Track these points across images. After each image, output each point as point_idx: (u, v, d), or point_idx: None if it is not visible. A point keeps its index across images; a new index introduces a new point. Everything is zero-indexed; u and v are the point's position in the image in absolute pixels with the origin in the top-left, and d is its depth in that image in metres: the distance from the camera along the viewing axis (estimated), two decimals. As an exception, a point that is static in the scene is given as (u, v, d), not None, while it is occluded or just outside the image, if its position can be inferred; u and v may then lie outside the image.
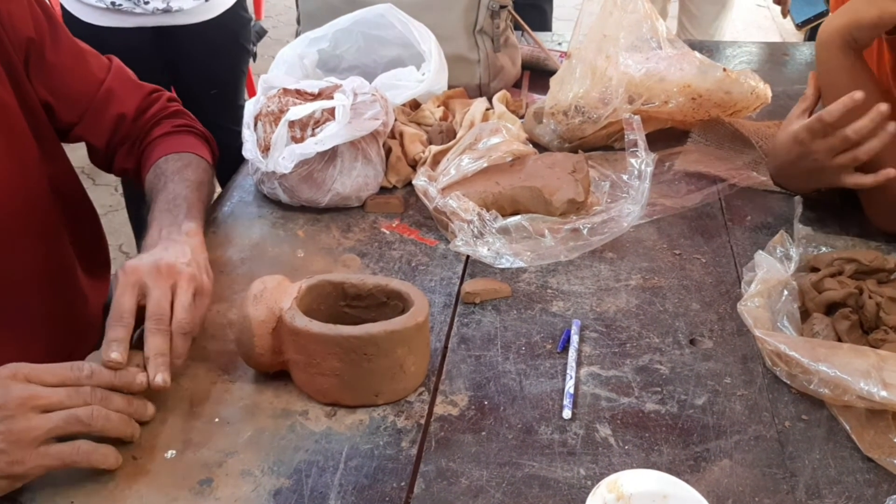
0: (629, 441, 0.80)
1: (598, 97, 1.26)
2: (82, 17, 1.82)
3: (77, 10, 1.83)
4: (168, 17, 1.83)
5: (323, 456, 0.78)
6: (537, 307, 0.99)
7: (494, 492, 0.75)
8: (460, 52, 1.42)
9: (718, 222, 1.16)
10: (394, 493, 0.75)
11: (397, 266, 1.06)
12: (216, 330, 0.94)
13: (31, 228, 1.02)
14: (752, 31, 4.52)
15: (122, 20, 1.81)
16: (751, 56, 1.78)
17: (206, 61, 1.95)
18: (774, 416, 0.83)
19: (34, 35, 1.02)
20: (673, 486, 0.66)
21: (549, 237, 1.06)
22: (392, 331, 0.81)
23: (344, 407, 0.84)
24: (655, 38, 1.29)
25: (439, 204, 1.08)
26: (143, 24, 1.83)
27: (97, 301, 1.18)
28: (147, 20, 1.83)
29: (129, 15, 1.80)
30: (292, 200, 1.16)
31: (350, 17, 1.34)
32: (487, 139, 1.17)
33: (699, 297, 1.01)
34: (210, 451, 0.78)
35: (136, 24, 1.83)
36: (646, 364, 0.90)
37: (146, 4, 1.78)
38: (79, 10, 1.82)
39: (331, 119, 1.12)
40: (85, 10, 1.81)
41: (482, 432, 0.81)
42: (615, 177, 1.19)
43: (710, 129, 1.34)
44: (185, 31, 1.87)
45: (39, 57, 1.03)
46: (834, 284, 0.94)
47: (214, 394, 0.85)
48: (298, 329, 0.81)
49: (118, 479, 0.75)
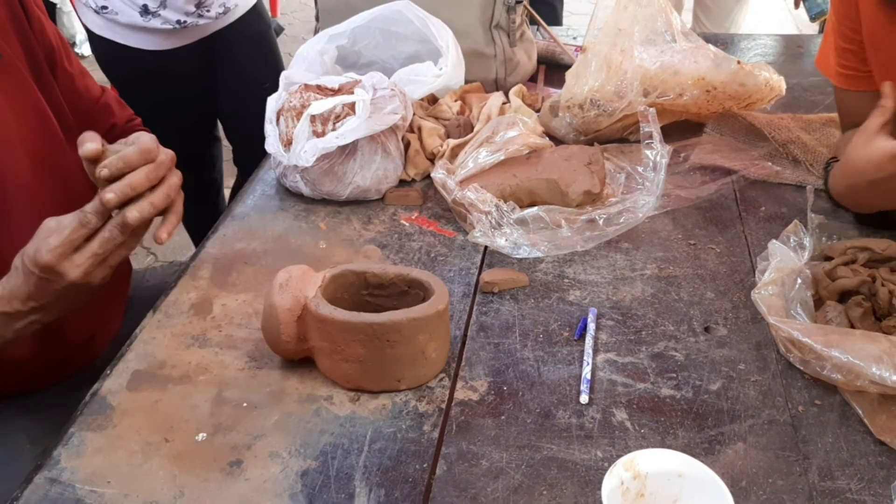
0: (645, 425, 0.82)
1: (614, 90, 1.28)
2: (144, 46, 1.71)
3: (137, 41, 1.71)
4: (224, 19, 1.77)
5: (348, 439, 0.81)
6: (554, 296, 1.01)
7: (514, 473, 0.77)
8: (477, 47, 1.44)
9: (733, 213, 1.18)
10: (416, 475, 0.77)
11: (417, 257, 1.09)
12: (243, 319, 0.97)
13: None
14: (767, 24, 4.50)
15: (186, 37, 1.74)
16: (766, 48, 1.79)
17: (244, 59, 1.86)
18: (788, 401, 0.85)
19: (56, 44, 1.10)
20: (688, 466, 0.68)
21: (566, 228, 1.08)
22: (414, 318, 0.83)
23: (367, 392, 0.86)
24: (670, 32, 1.30)
25: (458, 196, 1.11)
26: (202, 35, 1.76)
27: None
28: (206, 29, 1.76)
29: (192, 30, 1.73)
30: (314, 193, 1.19)
31: (368, 13, 1.37)
32: (504, 132, 1.19)
33: (713, 285, 1.03)
34: (239, 434, 0.81)
35: (197, 38, 1.76)
36: (661, 351, 0.92)
37: (208, 12, 1.71)
38: (139, 41, 1.71)
39: (351, 114, 1.14)
40: (146, 39, 1.71)
41: (501, 416, 0.84)
42: (630, 169, 1.21)
43: (725, 122, 1.36)
44: (228, 29, 1.81)
45: (60, 64, 1.11)
46: (847, 272, 0.95)
47: (242, 380, 0.88)
48: (324, 316, 0.83)
49: (152, 461, 0.78)
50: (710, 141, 1.34)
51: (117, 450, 0.80)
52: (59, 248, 0.83)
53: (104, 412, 0.84)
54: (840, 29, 1.09)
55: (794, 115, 1.39)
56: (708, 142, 1.34)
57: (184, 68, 1.76)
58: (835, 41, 1.11)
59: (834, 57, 1.12)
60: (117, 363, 0.91)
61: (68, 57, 1.13)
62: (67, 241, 0.83)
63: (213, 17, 1.72)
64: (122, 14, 1.65)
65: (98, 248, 0.85)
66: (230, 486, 0.76)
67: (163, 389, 0.87)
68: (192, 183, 1.12)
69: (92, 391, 0.87)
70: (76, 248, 0.84)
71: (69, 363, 1.11)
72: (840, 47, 1.10)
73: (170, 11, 1.65)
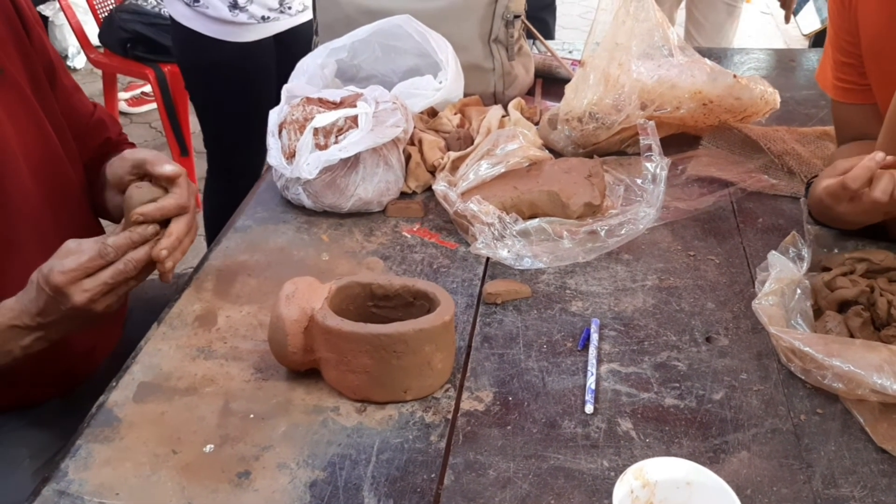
0: (650, 434, 0.83)
1: (612, 104, 1.29)
2: (226, 38, 1.81)
3: (222, 32, 1.80)
4: (299, 17, 1.87)
5: (355, 449, 0.81)
6: (557, 307, 1.02)
7: (522, 483, 0.78)
8: (476, 61, 1.46)
9: (731, 224, 1.19)
10: (424, 485, 0.77)
11: (419, 269, 1.10)
12: (248, 330, 0.97)
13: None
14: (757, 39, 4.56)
15: (263, 32, 1.83)
16: (759, 62, 1.82)
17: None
18: (790, 410, 0.86)
19: (54, 59, 1.11)
20: (697, 474, 0.69)
21: (568, 239, 1.09)
22: (420, 329, 0.84)
23: (373, 403, 0.87)
24: (667, 46, 1.32)
25: (460, 208, 1.11)
26: (276, 31, 1.85)
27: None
28: (280, 26, 1.85)
29: (270, 25, 1.82)
30: (316, 205, 1.20)
31: (369, 27, 1.38)
32: (505, 145, 1.21)
33: (714, 296, 1.04)
34: (247, 446, 0.82)
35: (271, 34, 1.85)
36: (664, 361, 0.93)
37: (290, 9, 1.82)
38: (225, 33, 1.80)
39: (353, 127, 1.15)
40: (229, 31, 1.80)
41: (507, 426, 0.84)
42: (629, 181, 1.22)
43: (721, 134, 1.38)
44: (298, 30, 1.90)
45: (59, 80, 1.12)
46: (846, 283, 0.96)
47: (248, 391, 0.89)
48: (330, 328, 0.84)
49: (160, 473, 0.78)
50: (707, 153, 1.36)
51: (125, 462, 0.80)
52: (72, 271, 0.85)
53: (111, 424, 0.84)
54: (838, 42, 1.11)
55: (790, 127, 1.41)
56: (704, 154, 1.35)
57: (256, 63, 1.85)
58: (833, 55, 1.13)
59: (831, 70, 1.14)
60: (123, 375, 0.91)
61: (64, 72, 1.15)
62: (82, 267, 0.85)
63: (292, 14, 1.82)
64: (213, 8, 1.76)
65: (109, 277, 0.87)
66: (239, 498, 0.76)
67: (169, 401, 0.87)
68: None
69: (98, 403, 0.87)
70: (88, 274, 0.86)
71: (70, 375, 1.11)
72: (838, 61, 1.12)
73: (256, 7, 1.76)
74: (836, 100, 1.16)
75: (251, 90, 1.89)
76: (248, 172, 2.08)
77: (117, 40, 2.96)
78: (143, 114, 3.73)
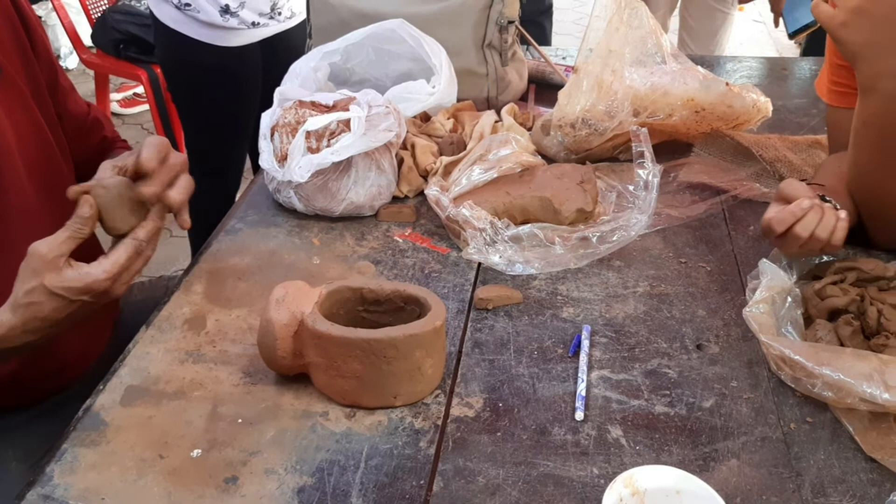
0: (640, 441, 0.83)
1: (605, 110, 1.29)
2: (214, 42, 1.80)
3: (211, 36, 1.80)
4: (287, 23, 1.87)
5: (344, 455, 0.81)
6: (548, 313, 1.02)
7: (511, 490, 0.77)
8: (469, 66, 1.46)
9: (722, 232, 1.19)
10: (413, 491, 0.77)
11: (411, 273, 1.09)
12: (237, 334, 0.97)
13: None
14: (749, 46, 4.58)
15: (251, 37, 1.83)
16: (751, 70, 1.82)
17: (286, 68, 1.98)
18: (780, 419, 0.86)
19: (54, 61, 1.11)
20: (687, 482, 0.69)
21: (559, 245, 1.09)
22: (411, 334, 0.83)
23: (363, 408, 0.86)
24: (660, 53, 1.32)
25: (452, 213, 1.11)
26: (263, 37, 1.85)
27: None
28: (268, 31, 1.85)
29: (259, 30, 1.82)
30: (307, 209, 1.19)
31: (363, 31, 1.38)
32: (497, 150, 1.21)
33: (705, 303, 1.04)
34: (234, 451, 0.81)
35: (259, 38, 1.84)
36: (654, 368, 0.93)
37: (279, 15, 1.82)
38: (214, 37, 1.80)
39: (345, 130, 1.15)
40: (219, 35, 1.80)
41: (497, 433, 0.84)
42: (621, 187, 1.22)
43: (713, 141, 1.38)
44: (286, 35, 1.90)
45: (59, 83, 1.12)
46: (836, 291, 0.97)
47: (237, 395, 0.88)
48: (320, 332, 0.83)
49: (146, 477, 0.78)
50: (699, 161, 1.36)
51: (111, 466, 0.79)
52: (116, 274, 0.86)
53: (97, 428, 0.83)
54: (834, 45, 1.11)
55: (781, 135, 1.42)
56: (696, 161, 1.36)
57: (242, 67, 1.85)
58: (829, 58, 1.14)
59: (827, 74, 1.14)
60: (110, 378, 0.90)
61: (62, 73, 1.15)
62: (124, 267, 0.87)
63: (281, 21, 1.82)
64: (204, 12, 1.74)
65: (141, 265, 0.89)
66: (226, 503, 0.75)
67: (157, 405, 0.86)
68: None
69: (85, 407, 0.86)
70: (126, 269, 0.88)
71: (59, 378, 1.10)
72: (834, 64, 1.12)
73: (248, 12, 1.76)
74: (831, 104, 1.16)
75: (237, 94, 1.89)
76: (229, 174, 2.08)
77: (110, 41, 2.95)
78: (134, 115, 3.72)
